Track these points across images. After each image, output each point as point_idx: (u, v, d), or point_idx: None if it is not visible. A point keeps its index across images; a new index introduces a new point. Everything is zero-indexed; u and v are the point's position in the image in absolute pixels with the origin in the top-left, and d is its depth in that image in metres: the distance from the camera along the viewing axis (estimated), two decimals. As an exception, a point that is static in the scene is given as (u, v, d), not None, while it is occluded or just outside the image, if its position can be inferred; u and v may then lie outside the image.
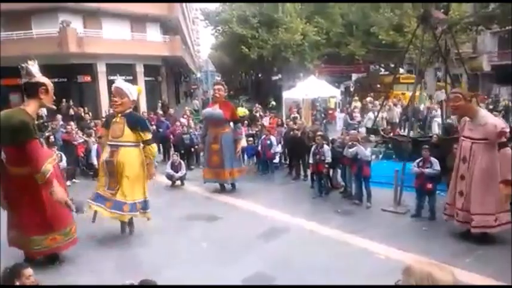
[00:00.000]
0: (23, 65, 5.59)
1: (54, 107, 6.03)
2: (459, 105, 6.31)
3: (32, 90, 5.50)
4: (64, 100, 21.08)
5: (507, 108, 17.69)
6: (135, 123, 6.90)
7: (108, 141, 6.93)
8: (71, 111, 18.01)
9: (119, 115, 6.83)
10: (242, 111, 17.84)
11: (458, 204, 6.42)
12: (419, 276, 1.88)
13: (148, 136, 7.00)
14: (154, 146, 7.21)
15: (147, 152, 6.96)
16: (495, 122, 6.30)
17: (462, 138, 6.50)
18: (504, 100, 20.15)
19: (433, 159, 7.36)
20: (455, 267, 5.03)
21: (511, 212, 6.33)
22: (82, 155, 11.52)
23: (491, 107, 17.71)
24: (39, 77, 5.60)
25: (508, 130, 6.23)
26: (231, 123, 9.74)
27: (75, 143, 11.39)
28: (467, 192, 6.27)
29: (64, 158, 9.66)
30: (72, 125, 12.47)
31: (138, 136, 6.81)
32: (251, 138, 11.92)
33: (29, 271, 3.79)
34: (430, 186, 7.31)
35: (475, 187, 6.18)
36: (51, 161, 5.53)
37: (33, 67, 5.60)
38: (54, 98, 5.82)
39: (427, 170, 7.29)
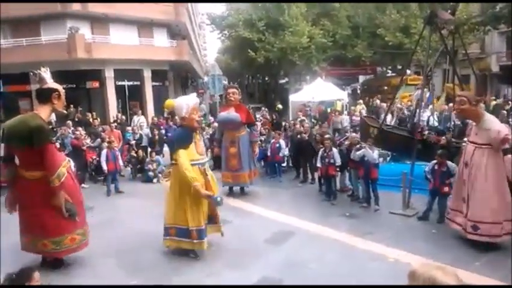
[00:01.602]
0: (35, 71, 5.73)
1: (65, 111, 6.16)
2: (464, 108, 6.21)
3: (44, 96, 5.64)
4: (72, 106, 21.34)
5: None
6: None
7: (193, 160, 6.09)
8: (76, 117, 18.12)
9: (198, 131, 6.57)
10: None
11: (463, 210, 6.32)
12: (422, 279, 1.91)
13: None
14: None
15: None
16: (499, 128, 6.15)
17: (467, 142, 6.43)
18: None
19: (449, 163, 7.28)
20: (466, 270, 5.03)
21: None
22: (91, 160, 11.61)
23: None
24: (51, 83, 5.74)
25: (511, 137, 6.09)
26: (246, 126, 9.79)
27: (84, 148, 11.48)
28: (469, 198, 6.17)
29: (72, 163, 9.72)
30: (81, 130, 12.58)
31: None
32: (259, 142, 11.95)
33: (37, 275, 3.84)
34: (446, 189, 7.23)
35: (479, 194, 6.06)
36: (65, 165, 5.67)
37: (46, 73, 5.75)
38: (65, 103, 5.97)
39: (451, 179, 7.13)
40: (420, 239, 6.73)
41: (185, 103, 6.15)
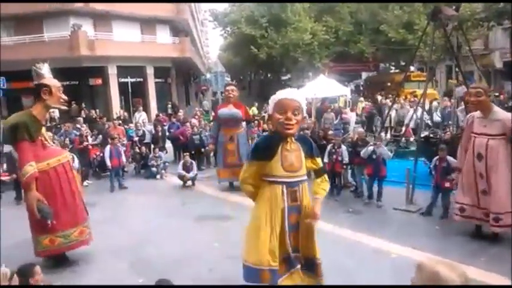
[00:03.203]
0: (33, 67, 5.67)
1: (64, 107, 6.01)
2: (481, 100, 6.13)
3: (37, 92, 5.58)
4: (73, 102, 21.40)
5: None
6: (312, 147, 4.58)
7: (274, 177, 4.24)
8: (83, 114, 18.22)
9: (292, 139, 4.29)
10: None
11: (484, 204, 6.21)
12: (425, 274, 1.89)
13: (321, 163, 4.78)
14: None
15: (322, 185, 4.62)
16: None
17: (474, 135, 6.33)
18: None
19: (449, 158, 7.27)
20: (472, 266, 5.02)
21: None
22: (94, 156, 11.65)
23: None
24: (47, 79, 5.63)
25: None
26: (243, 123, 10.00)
27: (86, 143, 11.51)
28: (489, 190, 6.11)
29: (76, 159, 9.77)
30: (85, 127, 12.63)
31: (311, 164, 4.52)
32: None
33: (38, 269, 3.91)
34: (447, 184, 7.23)
35: (502, 184, 6.00)
36: (34, 164, 5.34)
37: (42, 69, 5.64)
38: (65, 99, 5.79)
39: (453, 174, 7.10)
40: (423, 234, 6.72)
41: (272, 98, 4.32)
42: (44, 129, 5.85)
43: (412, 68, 26.70)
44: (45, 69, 5.67)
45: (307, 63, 28.59)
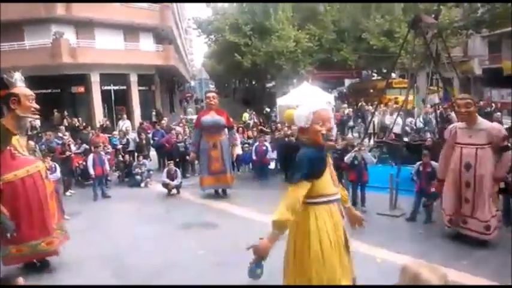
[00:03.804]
0: (4, 75, 5.56)
1: (36, 117, 5.86)
2: (470, 111, 6.16)
3: (5, 101, 5.46)
4: (55, 110, 21.11)
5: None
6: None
7: (326, 196, 3.62)
8: (65, 122, 17.93)
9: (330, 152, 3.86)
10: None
11: (467, 211, 6.31)
12: (408, 276, 1.98)
13: None
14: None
15: (345, 192, 4.15)
16: (497, 126, 6.34)
17: (460, 145, 6.34)
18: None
19: (434, 163, 7.38)
20: (454, 269, 5.10)
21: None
22: (77, 164, 11.47)
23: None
24: (17, 88, 5.52)
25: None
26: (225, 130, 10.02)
27: (68, 153, 11.33)
28: (475, 198, 6.20)
29: (58, 169, 9.63)
30: (68, 135, 12.46)
31: None
32: (247, 145, 11.99)
33: (21, 280, 3.83)
34: (432, 189, 7.31)
35: (486, 192, 6.12)
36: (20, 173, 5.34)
37: (13, 78, 5.53)
38: (37, 108, 5.63)
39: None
40: (408, 239, 6.81)
41: (307, 108, 3.67)
42: (17, 138, 5.67)
43: (393, 75, 27.11)
44: (16, 78, 5.56)
45: (291, 71, 28.77)
